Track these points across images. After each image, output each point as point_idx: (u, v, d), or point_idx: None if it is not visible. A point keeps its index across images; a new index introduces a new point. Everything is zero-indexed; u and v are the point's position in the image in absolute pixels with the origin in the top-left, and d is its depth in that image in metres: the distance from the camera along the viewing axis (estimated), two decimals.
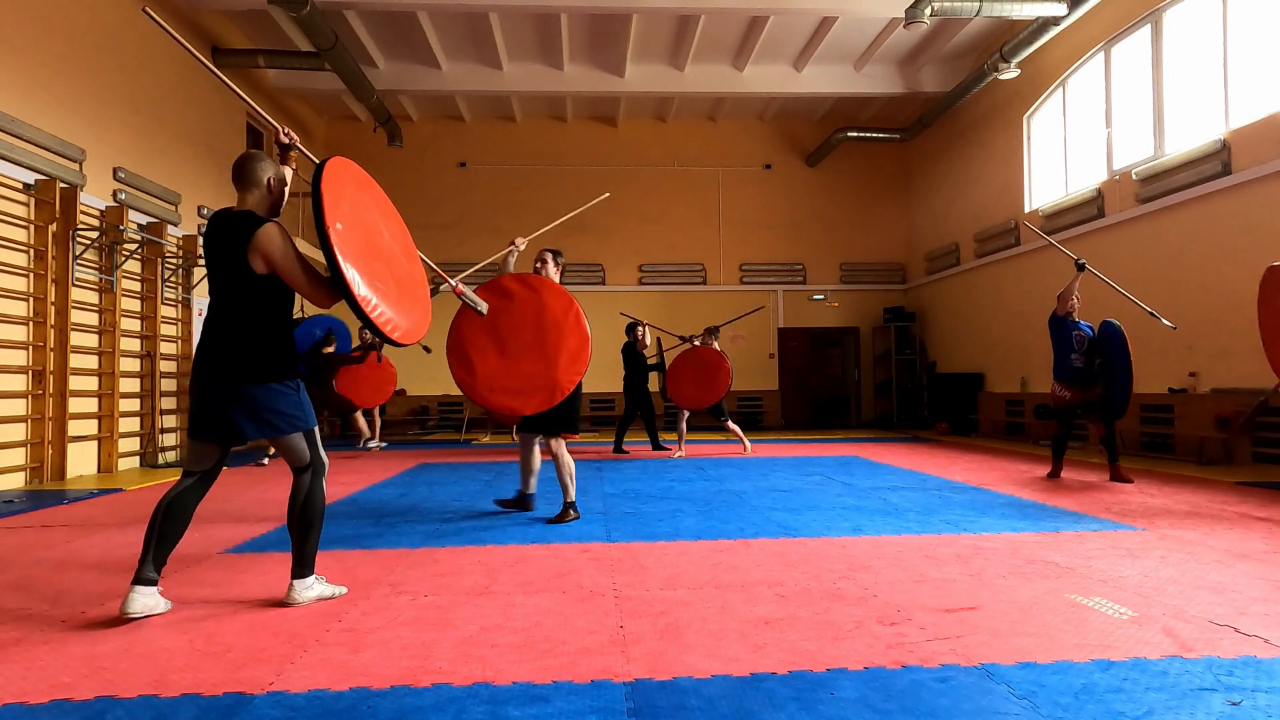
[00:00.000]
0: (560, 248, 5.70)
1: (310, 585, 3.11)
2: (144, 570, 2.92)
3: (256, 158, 3.17)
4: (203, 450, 3.07)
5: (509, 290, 4.69)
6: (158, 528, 2.96)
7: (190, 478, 3.06)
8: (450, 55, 12.44)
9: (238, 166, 3.14)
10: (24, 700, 2.17)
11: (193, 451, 3.09)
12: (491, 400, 4.61)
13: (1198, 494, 5.84)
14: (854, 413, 15.89)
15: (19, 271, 7.02)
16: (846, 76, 13.11)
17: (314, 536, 3.12)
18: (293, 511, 3.11)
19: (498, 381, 4.58)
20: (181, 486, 3.04)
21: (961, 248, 13.63)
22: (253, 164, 3.14)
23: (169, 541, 2.98)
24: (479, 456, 9.65)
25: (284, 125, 3.37)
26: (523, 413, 4.66)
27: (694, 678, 2.28)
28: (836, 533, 4.44)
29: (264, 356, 2.99)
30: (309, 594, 3.10)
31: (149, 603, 2.89)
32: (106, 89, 8.29)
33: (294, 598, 3.07)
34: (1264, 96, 7.74)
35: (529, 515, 5.16)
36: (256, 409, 2.99)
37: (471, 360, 4.59)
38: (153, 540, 2.95)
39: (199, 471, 3.07)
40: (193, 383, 3.07)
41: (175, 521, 2.98)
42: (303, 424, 3.09)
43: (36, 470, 7.12)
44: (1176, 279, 8.67)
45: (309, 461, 3.13)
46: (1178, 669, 2.32)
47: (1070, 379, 6.63)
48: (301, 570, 3.11)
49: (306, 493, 3.10)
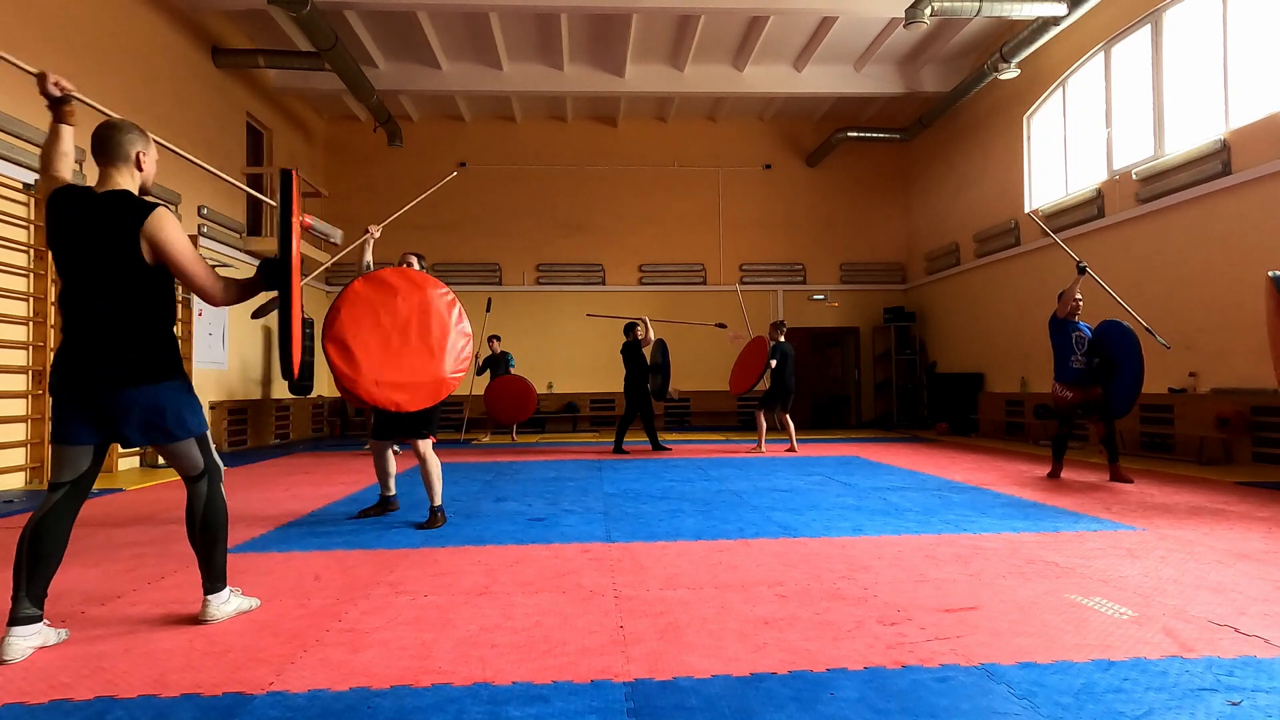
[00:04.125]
0: (560, 247, 5.64)
1: (226, 599, 2.89)
2: (19, 608, 2.51)
3: (123, 128, 2.77)
4: (74, 456, 2.64)
5: (391, 284, 4.44)
6: (26, 555, 2.54)
7: (58, 491, 2.62)
8: (450, 55, 12.45)
9: (98, 136, 2.72)
10: (24, 700, 2.17)
11: (61, 459, 2.64)
12: (377, 395, 4.29)
13: (1198, 494, 5.84)
14: (854, 413, 15.89)
15: (19, 271, 7.03)
16: (846, 76, 13.11)
17: (222, 546, 2.89)
18: (193, 523, 2.83)
19: (384, 375, 4.31)
20: (50, 503, 2.61)
21: (961, 248, 13.63)
22: (118, 135, 2.74)
23: (44, 568, 2.56)
24: (478, 456, 9.66)
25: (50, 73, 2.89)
26: (408, 409, 4.42)
27: (694, 678, 2.28)
28: (836, 533, 4.44)
29: (153, 353, 2.69)
30: (227, 608, 2.88)
31: (32, 643, 2.52)
32: (106, 89, 8.29)
33: (211, 614, 2.83)
34: (1264, 96, 7.73)
35: (528, 516, 5.16)
36: (146, 413, 2.67)
37: (352, 350, 4.27)
38: (23, 572, 2.54)
39: (68, 482, 2.64)
40: (63, 381, 2.64)
41: (49, 544, 2.57)
42: (196, 428, 2.80)
43: (36, 470, 7.12)
44: (1176, 279, 8.67)
45: (203, 468, 2.85)
46: (1178, 669, 2.32)
47: (1071, 380, 6.63)
48: (214, 584, 2.87)
49: (206, 501, 2.84)
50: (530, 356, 14.31)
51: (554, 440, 12.34)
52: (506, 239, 15.07)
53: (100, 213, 2.64)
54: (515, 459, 9.27)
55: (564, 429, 14.62)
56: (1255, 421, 7.58)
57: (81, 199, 2.67)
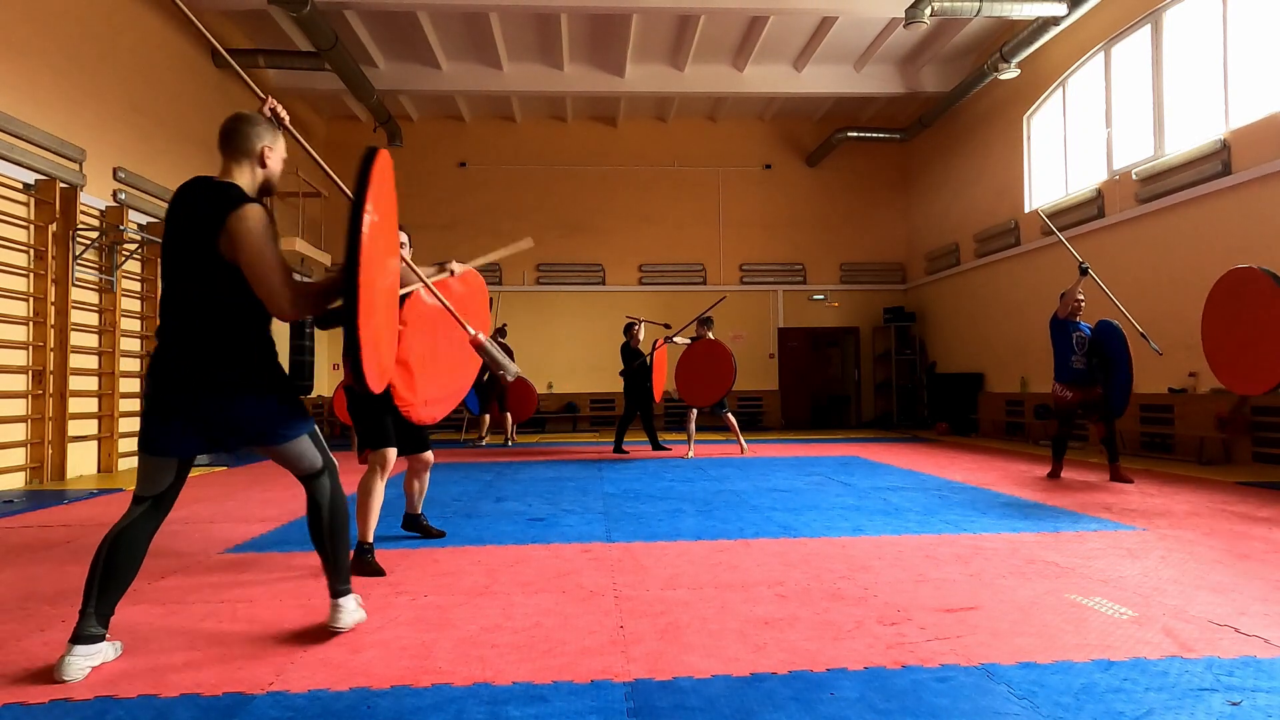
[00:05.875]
0: (560, 247, 5.59)
1: (355, 604, 2.72)
2: (85, 625, 2.33)
3: (251, 119, 2.60)
4: (160, 469, 2.46)
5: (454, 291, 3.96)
6: (101, 570, 2.37)
7: (141, 505, 2.45)
8: (450, 55, 12.45)
9: (226, 129, 2.57)
10: (24, 700, 2.17)
11: (147, 471, 2.47)
12: (424, 414, 3.89)
13: (1198, 494, 5.84)
14: (854, 413, 15.89)
15: (19, 271, 7.02)
16: (846, 76, 13.11)
17: (346, 544, 2.70)
18: (320, 523, 2.64)
19: (430, 392, 3.91)
20: (131, 517, 2.44)
21: (961, 248, 13.63)
22: (244, 126, 2.57)
23: (117, 585, 2.40)
24: (478, 457, 9.66)
25: (271, 99, 2.74)
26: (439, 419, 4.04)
27: (694, 678, 2.28)
28: (836, 533, 4.43)
29: (251, 354, 2.50)
30: (358, 615, 2.71)
31: (92, 663, 2.34)
32: (106, 89, 8.29)
33: (345, 620, 2.65)
34: (1264, 96, 7.73)
35: (528, 516, 5.16)
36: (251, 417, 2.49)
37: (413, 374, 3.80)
38: (95, 585, 2.37)
39: (151, 496, 2.46)
40: (158, 386, 2.45)
41: (124, 559, 2.40)
42: (306, 425, 2.61)
43: (36, 470, 7.12)
44: (1176, 279, 8.66)
45: (322, 464, 2.67)
46: (1178, 669, 2.32)
47: (1071, 380, 6.63)
48: (344, 585, 2.67)
49: (331, 497, 2.66)
50: (530, 356, 14.31)
51: (554, 440, 12.34)
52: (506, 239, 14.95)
53: (199, 200, 2.46)
54: (515, 459, 9.27)
55: (564, 429, 14.62)
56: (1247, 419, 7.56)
57: (190, 188, 2.50)
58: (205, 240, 2.40)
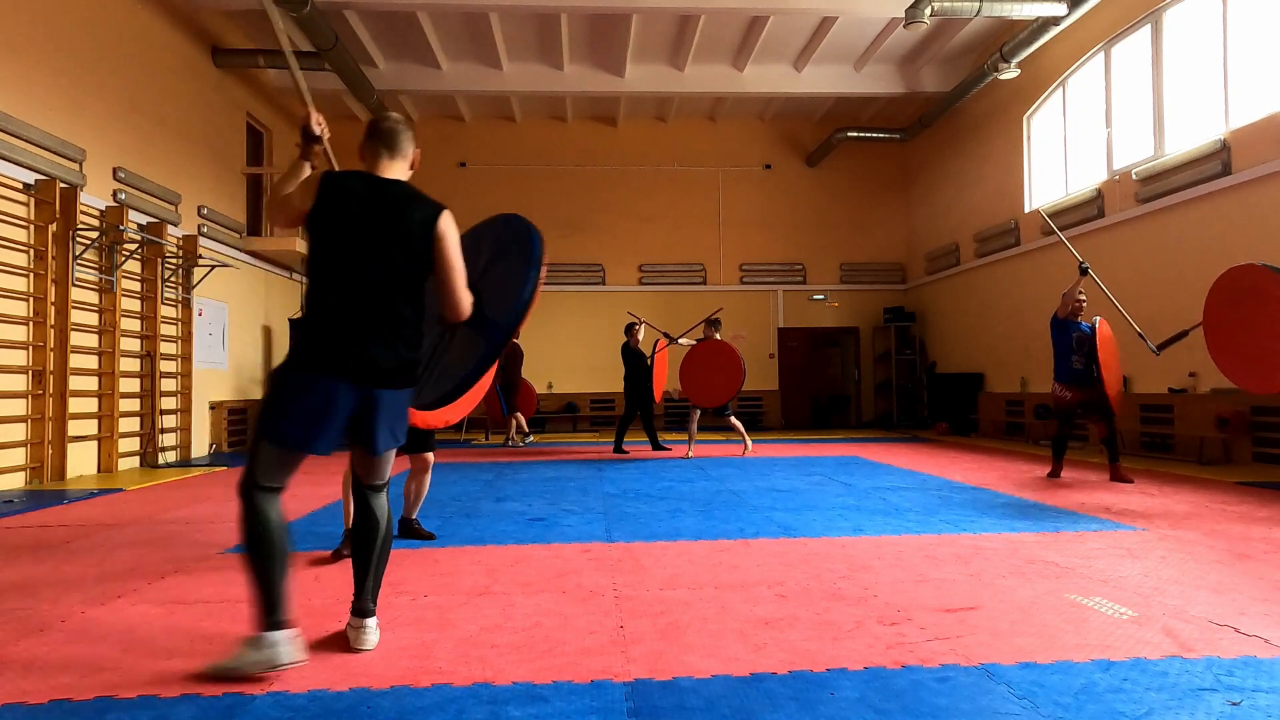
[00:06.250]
0: (560, 247, 5.57)
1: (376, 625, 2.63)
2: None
3: (409, 126, 2.73)
4: (288, 462, 2.47)
5: None
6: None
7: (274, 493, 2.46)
8: (450, 55, 12.44)
9: (389, 130, 2.66)
10: (24, 700, 2.17)
11: (272, 461, 2.45)
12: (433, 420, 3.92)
13: (1198, 494, 5.84)
14: (854, 413, 15.89)
15: (19, 271, 7.02)
16: (846, 76, 13.10)
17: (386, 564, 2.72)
18: (372, 538, 2.59)
19: None
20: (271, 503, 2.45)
21: (961, 248, 13.63)
22: (407, 132, 2.70)
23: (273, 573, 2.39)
24: (478, 456, 9.65)
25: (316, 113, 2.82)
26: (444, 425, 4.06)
27: (694, 678, 2.28)
28: (836, 533, 4.44)
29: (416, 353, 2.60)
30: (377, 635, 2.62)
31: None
32: (106, 89, 8.29)
33: (370, 640, 2.55)
34: (1264, 96, 7.73)
35: (528, 515, 5.16)
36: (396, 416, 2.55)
37: None
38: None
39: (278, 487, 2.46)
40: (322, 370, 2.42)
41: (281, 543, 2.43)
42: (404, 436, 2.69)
43: (36, 470, 7.11)
44: (1176, 279, 8.66)
45: (388, 478, 2.72)
46: (1178, 669, 2.32)
47: (1071, 380, 6.63)
48: (374, 605, 2.61)
49: (390, 514, 2.70)
50: (530, 356, 14.29)
51: (554, 440, 12.34)
52: None
53: (390, 200, 2.54)
54: (514, 460, 9.27)
55: (564, 429, 14.62)
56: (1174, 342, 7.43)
57: (369, 181, 2.57)
58: (420, 242, 2.54)
